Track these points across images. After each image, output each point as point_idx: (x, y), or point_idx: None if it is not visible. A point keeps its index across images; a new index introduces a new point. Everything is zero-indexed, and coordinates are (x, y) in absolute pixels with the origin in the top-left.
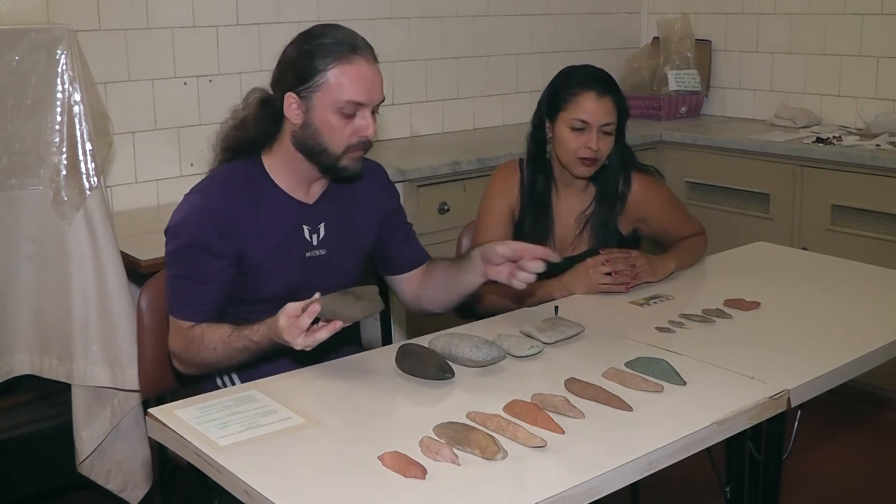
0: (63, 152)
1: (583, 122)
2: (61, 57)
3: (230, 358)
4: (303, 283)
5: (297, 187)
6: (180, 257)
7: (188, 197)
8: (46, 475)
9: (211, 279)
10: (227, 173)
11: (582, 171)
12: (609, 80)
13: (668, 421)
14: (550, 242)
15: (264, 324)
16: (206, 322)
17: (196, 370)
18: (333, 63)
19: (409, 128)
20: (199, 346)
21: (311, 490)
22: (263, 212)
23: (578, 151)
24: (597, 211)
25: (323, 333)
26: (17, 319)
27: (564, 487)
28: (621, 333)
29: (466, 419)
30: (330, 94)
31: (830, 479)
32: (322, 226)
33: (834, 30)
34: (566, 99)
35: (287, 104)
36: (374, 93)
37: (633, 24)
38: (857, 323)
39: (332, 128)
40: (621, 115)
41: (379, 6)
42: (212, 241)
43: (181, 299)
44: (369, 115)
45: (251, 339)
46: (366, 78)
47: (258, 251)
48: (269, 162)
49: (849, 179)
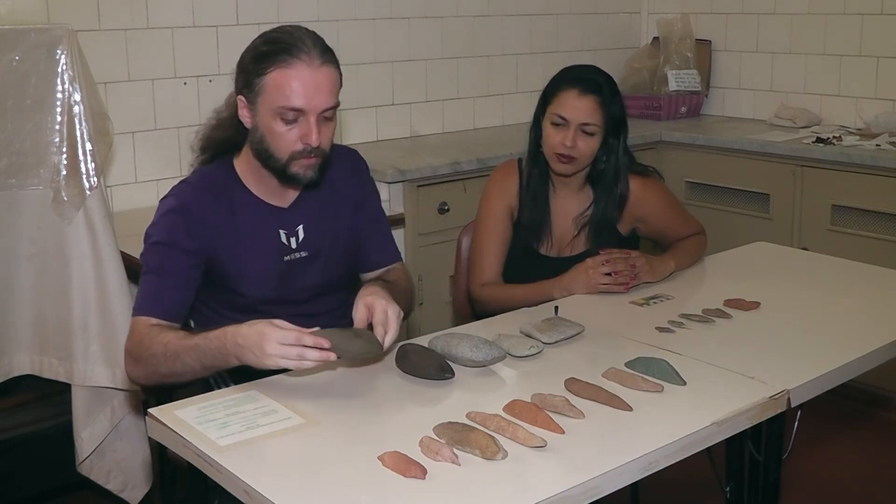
0: (63, 152)
1: (561, 117)
2: (61, 57)
3: (177, 357)
4: (283, 287)
5: (270, 192)
6: (149, 255)
7: (161, 201)
8: (46, 475)
9: (174, 274)
10: (199, 177)
11: (558, 168)
12: (599, 82)
13: (668, 421)
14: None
15: (223, 329)
16: (168, 321)
17: (143, 373)
18: (273, 67)
19: (409, 128)
20: (152, 341)
21: (311, 490)
22: (236, 217)
23: (556, 147)
24: (594, 214)
25: (313, 354)
26: (17, 319)
27: (564, 487)
28: (621, 333)
29: (466, 419)
30: (269, 98)
31: (830, 479)
32: (300, 228)
33: (834, 30)
34: (552, 94)
35: (240, 107)
36: (317, 99)
37: (633, 24)
38: (857, 323)
39: (274, 134)
40: (611, 120)
41: (379, 6)
42: (181, 239)
43: (142, 295)
44: (313, 121)
45: (205, 337)
46: (305, 84)
47: (232, 255)
48: (240, 166)
49: (849, 179)
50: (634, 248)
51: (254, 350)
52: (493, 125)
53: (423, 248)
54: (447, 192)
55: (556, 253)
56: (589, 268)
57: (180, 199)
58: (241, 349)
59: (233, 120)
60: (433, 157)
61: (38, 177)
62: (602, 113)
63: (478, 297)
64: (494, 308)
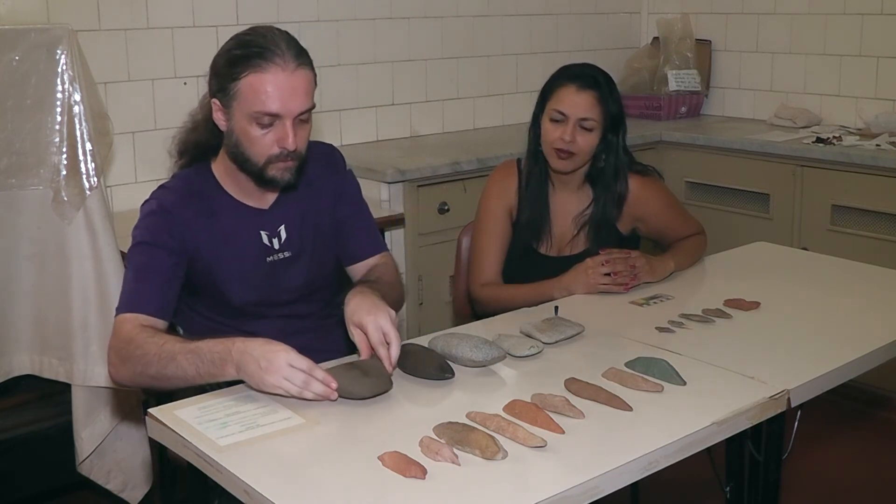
0: (63, 152)
1: (561, 113)
2: (61, 57)
3: (173, 358)
4: (267, 288)
5: (248, 194)
6: (133, 255)
7: (143, 206)
8: (46, 475)
9: (159, 272)
10: (177, 182)
11: (557, 164)
12: (598, 78)
13: (668, 421)
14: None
15: (231, 338)
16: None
17: (128, 374)
18: (247, 72)
19: (409, 128)
20: (145, 341)
21: (311, 490)
22: (216, 220)
23: (555, 142)
24: (594, 213)
25: (318, 387)
26: (17, 319)
27: (564, 487)
28: (621, 333)
29: (466, 419)
30: (244, 103)
31: (830, 479)
32: (282, 228)
33: (834, 30)
34: (551, 91)
35: (214, 110)
36: (292, 103)
37: (633, 24)
38: (857, 323)
39: (250, 138)
40: (609, 116)
41: (379, 6)
42: (163, 238)
43: (126, 293)
44: (289, 125)
45: (208, 342)
46: (280, 88)
47: (215, 258)
48: (218, 170)
49: (849, 179)
50: (635, 247)
51: (260, 362)
52: (493, 125)
53: (423, 248)
54: (447, 192)
55: (555, 252)
56: (588, 268)
57: (161, 201)
58: (245, 357)
59: (208, 123)
60: (433, 157)
61: (38, 177)
62: (600, 108)
63: (478, 297)
64: (494, 308)
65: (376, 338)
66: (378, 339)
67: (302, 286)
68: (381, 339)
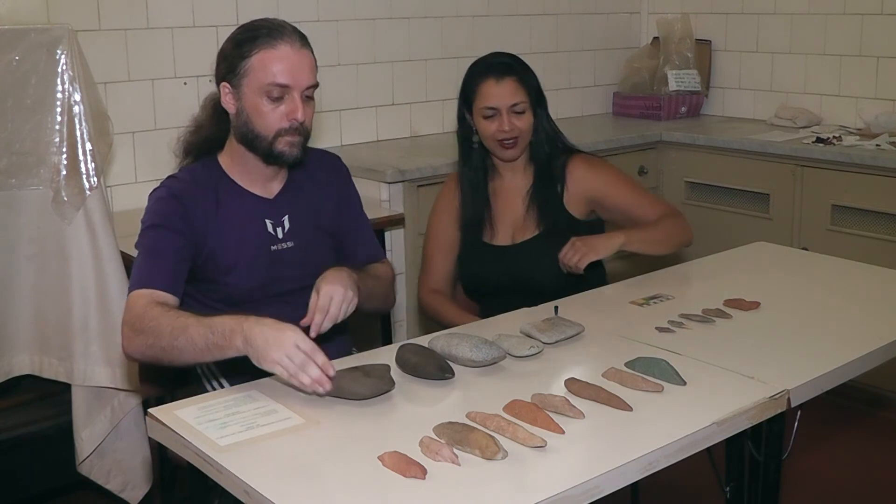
0: (63, 152)
1: (491, 108)
2: (61, 57)
3: (185, 330)
4: (271, 276)
5: (255, 183)
6: (144, 238)
7: (151, 194)
8: (46, 475)
9: (170, 252)
10: (185, 173)
11: (506, 154)
12: (508, 62)
13: (668, 421)
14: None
15: (245, 315)
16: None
17: (141, 345)
18: (257, 49)
19: (409, 128)
20: (160, 313)
21: (311, 490)
22: (222, 207)
23: (496, 135)
24: (536, 187)
25: (315, 371)
26: (17, 319)
27: (564, 487)
28: (621, 333)
29: (466, 419)
30: (255, 78)
31: (830, 479)
32: (286, 218)
33: (834, 30)
34: (472, 92)
35: (223, 94)
36: (300, 76)
37: (633, 24)
38: (857, 323)
39: (261, 112)
40: (533, 91)
41: (379, 6)
42: (172, 221)
43: (138, 271)
44: (297, 98)
45: (222, 315)
46: (289, 61)
47: (220, 245)
48: (224, 160)
49: (849, 179)
50: (600, 232)
51: (268, 338)
52: None
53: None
54: None
55: (510, 240)
56: None
57: (170, 188)
58: (255, 330)
59: (212, 119)
60: (433, 157)
61: (38, 177)
62: (524, 89)
63: (424, 302)
64: (432, 317)
65: (321, 302)
66: (321, 305)
67: (303, 277)
68: (324, 306)
